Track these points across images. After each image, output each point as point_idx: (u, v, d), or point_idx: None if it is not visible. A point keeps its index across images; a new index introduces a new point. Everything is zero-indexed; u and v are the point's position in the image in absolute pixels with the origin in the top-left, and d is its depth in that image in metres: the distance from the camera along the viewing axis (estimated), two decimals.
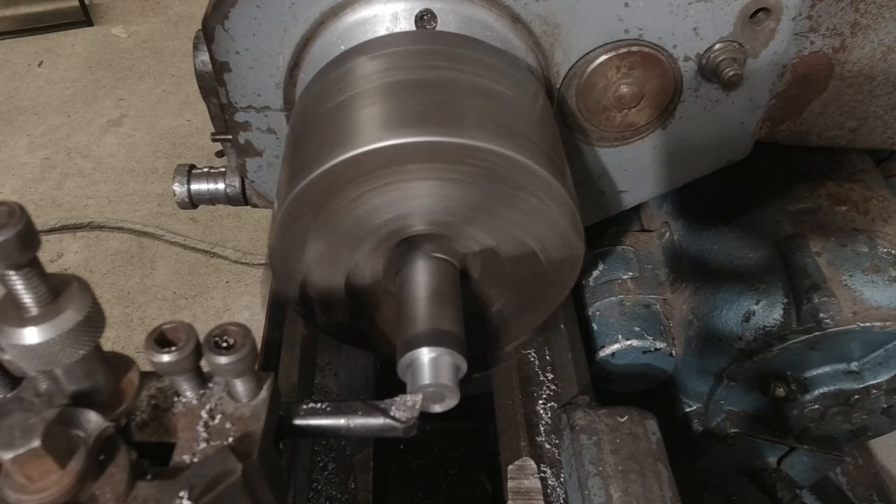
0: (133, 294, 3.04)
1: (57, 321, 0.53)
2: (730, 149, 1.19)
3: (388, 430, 0.70)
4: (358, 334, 0.98)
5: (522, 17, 0.98)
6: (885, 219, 1.34)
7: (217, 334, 0.62)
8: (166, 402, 0.65)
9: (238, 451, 0.58)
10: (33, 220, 0.50)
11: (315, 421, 0.71)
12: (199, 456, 0.61)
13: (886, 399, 1.35)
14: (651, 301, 1.48)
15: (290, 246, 0.82)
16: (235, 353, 0.61)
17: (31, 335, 0.52)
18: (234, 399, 0.65)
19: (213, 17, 0.96)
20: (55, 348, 0.53)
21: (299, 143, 0.85)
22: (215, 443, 0.62)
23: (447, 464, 1.70)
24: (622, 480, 0.99)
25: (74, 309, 0.54)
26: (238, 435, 0.62)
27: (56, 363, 0.55)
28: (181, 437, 0.63)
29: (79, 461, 0.54)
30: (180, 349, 0.60)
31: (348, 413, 0.71)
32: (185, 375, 0.63)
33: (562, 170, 0.85)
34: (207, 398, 0.65)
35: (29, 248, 0.49)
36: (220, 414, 0.64)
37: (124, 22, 4.64)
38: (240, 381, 0.63)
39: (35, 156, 3.69)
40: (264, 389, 0.65)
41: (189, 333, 0.61)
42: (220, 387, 0.66)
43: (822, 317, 1.21)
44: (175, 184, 1.24)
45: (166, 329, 0.61)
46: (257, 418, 0.63)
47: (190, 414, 0.64)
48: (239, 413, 0.64)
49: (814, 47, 1.12)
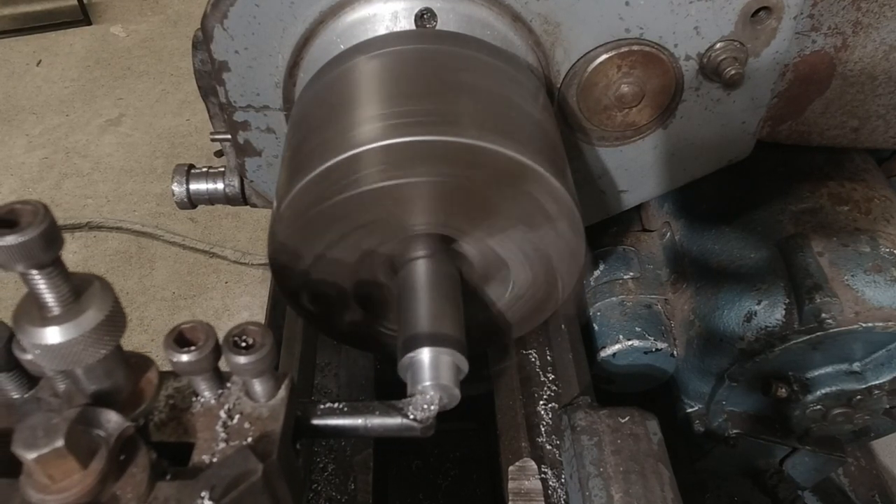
0: (132, 294, 3.04)
1: (79, 321, 0.53)
2: (731, 148, 1.18)
3: (405, 430, 0.70)
4: (358, 335, 0.98)
5: (523, 16, 0.98)
6: (888, 219, 1.34)
7: (236, 334, 0.61)
8: (184, 402, 0.65)
9: (257, 451, 0.58)
10: (56, 219, 0.49)
11: (332, 421, 0.71)
12: (218, 456, 0.61)
13: (889, 399, 1.35)
14: (652, 301, 1.48)
15: (289, 246, 0.82)
16: (255, 352, 0.60)
17: (54, 335, 0.52)
18: (252, 399, 0.65)
19: (212, 16, 0.96)
20: (77, 348, 0.53)
21: (299, 143, 0.85)
22: (234, 443, 0.62)
23: (447, 465, 1.70)
24: (623, 481, 0.99)
25: (96, 308, 0.53)
26: (257, 435, 0.62)
27: (78, 363, 0.54)
28: (200, 438, 0.63)
29: (101, 461, 0.54)
30: (200, 349, 0.60)
31: (365, 413, 0.71)
32: (204, 375, 0.63)
33: (562, 169, 0.84)
34: (226, 398, 0.65)
35: (52, 247, 0.49)
36: (239, 414, 0.64)
37: (123, 21, 4.64)
38: (258, 380, 0.63)
39: (33, 155, 3.69)
40: (282, 389, 0.65)
41: (208, 333, 0.61)
42: (238, 386, 0.65)
43: (824, 317, 1.21)
44: (174, 183, 1.23)
45: (185, 328, 0.61)
46: (276, 418, 0.63)
47: (208, 414, 0.64)
48: (257, 413, 0.64)
49: (815, 46, 1.12)
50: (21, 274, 0.50)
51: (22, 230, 0.47)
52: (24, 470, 0.52)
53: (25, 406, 0.62)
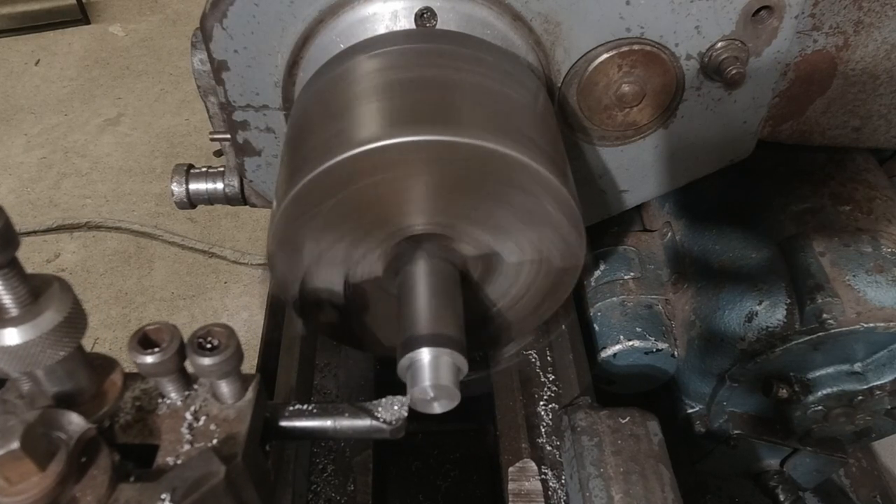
0: (131, 294, 3.04)
1: (37, 322, 0.52)
2: (732, 148, 1.18)
3: (374, 431, 0.70)
4: (357, 335, 0.97)
5: (523, 16, 0.97)
6: (889, 218, 1.34)
7: (201, 335, 0.61)
8: (150, 404, 0.64)
9: (222, 453, 0.58)
10: (11, 219, 0.49)
11: (301, 423, 0.70)
12: (182, 458, 0.60)
13: (890, 400, 1.34)
14: (653, 301, 1.47)
15: (288, 246, 0.82)
16: (219, 354, 0.60)
17: (11, 336, 0.52)
18: (219, 401, 0.64)
19: (211, 15, 0.95)
20: (35, 349, 0.53)
21: (298, 142, 0.85)
22: (199, 445, 0.61)
23: (447, 466, 1.69)
24: (624, 482, 0.99)
25: (55, 310, 0.53)
26: (222, 437, 0.62)
27: (37, 364, 0.54)
28: (165, 439, 0.62)
29: (59, 463, 0.53)
30: (164, 350, 0.60)
31: (334, 415, 0.70)
32: (170, 377, 0.63)
33: (563, 169, 0.84)
34: (192, 400, 0.64)
35: (7, 248, 0.49)
36: (205, 416, 0.63)
37: (122, 20, 4.64)
38: (224, 382, 0.63)
39: (32, 155, 3.68)
40: (250, 391, 0.64)
41: (173, 334, 0.60)
42: (205, 388, 0.65)
43: (826, 317, 1.20)
44: (173, 183, 1.23)
45: (150, 330, 0.61)
46: (242, 420, 0.63)
47: (174, 416, 0.63)
48: (224, 415, 0.63)
49: (817, 45, 1.11)
50: None
51: None
52: None
53: None
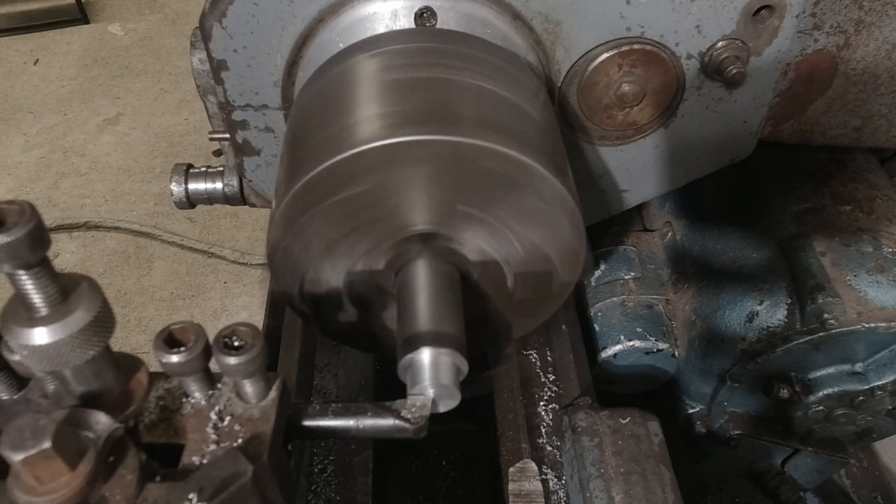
0: (130, 294, 3.03)
1: (67, 321, 0.52)
2: (733, 148, 1.18)
3: (397, 430, 0.70)
4: (357, 335, 0.97)
5: (523, 15, 0.97)
6: (890, 218, 1.34)
7: (227, 335, 0.61)
8: (175, 403, 0.65)
9: (248, 453, 0.58)
10: (43, 219, 0.49)
11: (324, 422, 0.71)
12: (208, 457, 0.60)
13: (891, 400, 1.34)
14: (653, 301, 1.47)
15: (288, 246, 0.81)
16: (245, 353, 0.60)
17: (41, 335, 0.51)
18: (242, 400, 0.64)
19: (210, 14, 0.95)
20: (65, 349, 0.53)
21: (298, 142, 0.84)
22: (225, 444, 0.61)
23: (447, 466, 1.69)
24: (624, 482, 0.99)
25: (84, 309, 0.53)
26: (247, 436, 0.62)
27: (66, 364, 0.54)
28: (190, 439, 0.62)
29: (89, 463, 0.53)
30: (189, 349, 0.60)
31: (358, 414, 0.71)
32: (194, 376, 0.63)
33: (563, 169, 0.84)
34: (216, 399, 0.64)
35: (39, 247, 0.49)
36: (230, 415, 0.63)
37: (121, 19, 4.63)
38: (249, 381, 0.63)
39: (31, 155, 3.68)
40: (273, 390, 0.65)
41: (198, 334, 0.61)
42: (229, 388, 0.65)
43: (827, 317, 1.20)
44: (172, 183, 1.23)
45: (175, 329, 0.61)
46: (267, 419, 0.63)
47: (199, 415, 0.64)
48: (248, 414, 0.63)
49: (818, 45, 1.11)
50: (8, 274, 0.50)
51: (8, 230, 0.47)
52: (11, 472, 0.52)
53: (14, 407, 0.61)
